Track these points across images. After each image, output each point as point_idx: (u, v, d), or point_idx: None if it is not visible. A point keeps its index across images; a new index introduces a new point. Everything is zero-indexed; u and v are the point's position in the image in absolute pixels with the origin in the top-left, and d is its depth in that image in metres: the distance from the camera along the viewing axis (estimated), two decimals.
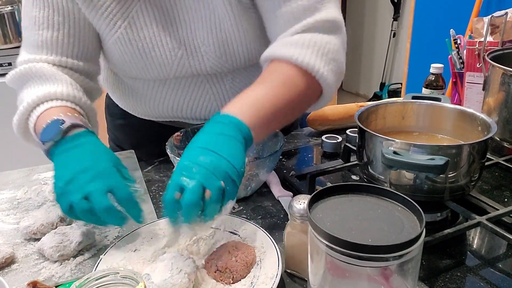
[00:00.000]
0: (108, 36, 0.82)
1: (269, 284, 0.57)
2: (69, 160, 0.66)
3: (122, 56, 0.84)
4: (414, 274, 0.46)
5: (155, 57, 0.83)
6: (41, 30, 0.79)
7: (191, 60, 0.84)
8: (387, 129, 0.81)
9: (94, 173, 0.63)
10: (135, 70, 0.86)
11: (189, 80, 0.89)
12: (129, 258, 0.64)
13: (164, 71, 0.86)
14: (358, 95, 4.06)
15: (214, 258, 0.61)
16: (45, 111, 0.74)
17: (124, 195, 0.63)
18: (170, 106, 0.93)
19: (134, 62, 0.84)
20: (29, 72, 0.79)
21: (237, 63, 0.87)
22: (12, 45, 2.31)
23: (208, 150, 0.60)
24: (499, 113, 0.87)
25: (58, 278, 0.63)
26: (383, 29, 3.67)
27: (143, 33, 0.81)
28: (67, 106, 0.75)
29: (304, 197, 0.60)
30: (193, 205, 0.56)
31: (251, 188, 0.81)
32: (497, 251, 0.67)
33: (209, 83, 0.90)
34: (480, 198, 0.74)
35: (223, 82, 0.90)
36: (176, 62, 0.84)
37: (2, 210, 0.81)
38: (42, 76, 0.78)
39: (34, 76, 0.78)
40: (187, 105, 0.93)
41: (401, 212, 0.48)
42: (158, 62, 0.84)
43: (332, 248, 0.44)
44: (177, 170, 0.60)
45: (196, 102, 0.92)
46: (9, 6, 2.29)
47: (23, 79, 0.80)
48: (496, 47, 0.99)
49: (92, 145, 0.68)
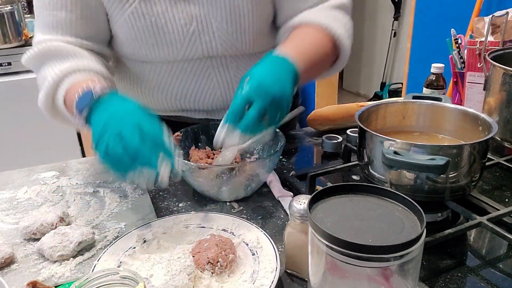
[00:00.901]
0: (120, 12, 0.83)
1: (270, 277, 0.57)
2: (102, 114, 0.68)
3: (133, 33, 0.85)
4: (415, 274, 0.46)
5: (167, 33, 0.84)
6: (54, 11, 0.81)
7: (203, 36, 0.86)
8: (387, 129, 0.80)
9: (123, 113, 0.66)
10: (144, 48, 0.87)
11: (196, 65, 0.90)
12: (129, 258, 0.64)
13: (175, 49, 0.86)
14: (359, 95, 4.06)
15: (201, 251, 0.62)
16: (73, 83, 0.77)
17: (153, 130, 0.64)
18: (174, 94, 0.94)
19: (145, 39, 0.85)
20: (47, 51, 0.82)
21: (246, 45, 0.89)
22: (12, 44, 2.31)
23: (278, 80, 0.68)
24: (500, 113, 0.86)
25: (57, 278, 0.62)
26: (383, 28, 3.66)
27: (156, 8, 0.82)
28: (92, 78, 0.78)
29: (304, 197, 0.60)
30: (253, 120, 0.65)
31: (251, 188, 0.81)
32: (498, 252, 0.67)
33: (214, 71, 0.91)
34: (480, 198, 0.73)
35: (228, 70, 0.92)
36: (188, 38, 0.85)
37: (2, 210, 0.81)
38: (62, 53, 0.81)
39: (53, 54, 0.82)
40: (191, 93, 0.94)
41: (401, 212, 0.48)
42: (169, 38, 0.85)
43: (332, 248, 0.44)
44: (252, 85, 0.67)
45: (200, 90, 0.93)
46: (9, 6, 2.29)
47: (42, 58, 0.83)
48: (497, 47, 0.99)
49: (122, 99, 0.72)
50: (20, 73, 2.36)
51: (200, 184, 0.79)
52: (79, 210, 0.80)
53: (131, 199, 0.82)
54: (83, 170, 0.95)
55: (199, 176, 0.78)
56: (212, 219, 0.71)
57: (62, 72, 0.78)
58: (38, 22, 0.84)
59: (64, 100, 0.78)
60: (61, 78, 0.78)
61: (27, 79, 2.40)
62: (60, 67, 0.79)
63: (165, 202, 0.82)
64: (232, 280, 0.60)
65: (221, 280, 0.60)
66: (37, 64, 0.84)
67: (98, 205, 0.81)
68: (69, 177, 0.92)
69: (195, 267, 0.60)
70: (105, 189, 0.86)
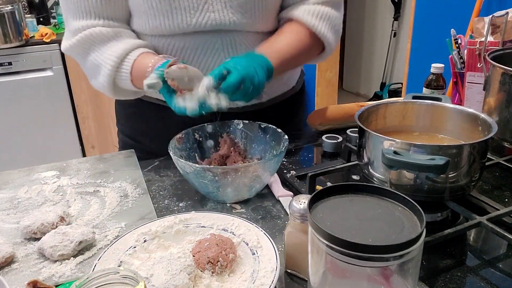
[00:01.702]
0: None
1: (270, 277, 0.57)
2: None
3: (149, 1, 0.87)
4: (414, 274, 0.46)
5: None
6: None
7: (215, 4, 0.88)
8: (387, 129, 0.81)
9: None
10: (158, 18, 0.88)
11: (206, 40, 0.92)
12: (129, 257, 0.64)
13: (188, 16, 0.88)
14: (359, 95, 4.06)
15: (201, 251, 0.62)
16: (136, 59, 0.86)
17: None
18: None
19: (159, 7, 0.87)
20: (90, 37, 0.87)
21: (255, 19, 0.93)
22: (12, 44, 2.31)
23: (252, 63, 0.80)
24: (499, 113, 0.86)
25: (58, 277, 0.63)
26: (383, 28, 3.66)
27: None
28: (150, 52, 0.88)
29: (304, 197, 0.60)
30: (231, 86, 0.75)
31: (255, 189, 0.81)
32: (498, 251, 0.67)
33: (223, 47, 0.93)
34: (480, 198, 0.74)
35: (236, 48, 0.94)
36: (201, 5, 0.87)
37: (2, 209, 0.81)
38: (108, 36, 0.88)
39: (99, 39, 0.88)
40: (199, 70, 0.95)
41: (401, 212, 0.48)
42: (183, 4, 0.87)
43: (332, 248, 0.44)
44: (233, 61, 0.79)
45: (207, 67, 0.94)
46: (9, 6, 2.29)
47: (87, 45, 0.88)
48: (496, 47, 0.99)
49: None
50: (20, 73, 2.36)
51: (204, 186, 0.79)
52: (79, 209, 0.80)
53: (132, 199, 0.82)
54: (83, 169, 0.95)
55: (205, 177, 0.78)
56: (212, 218, 0.71)
57: (124, 49, 0.86)
58: (69, 9, 0.88)
59: (131, 75, 0.87)
60: (124, 54, 0.86)
61: (27, 79, 2.40)
62: (117, 48, 0.87)
63: (165, 202, 0.82)
64: (232, 279, 0.60)
65: (221, 280, 0.60)
66: (82, 52, 0.90)
67: (98, 204, 0.81)
68: (69, 177, 0.92)
69: (196, 267, 0.60)
70: (105, 188, 0.86)
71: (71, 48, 0.90)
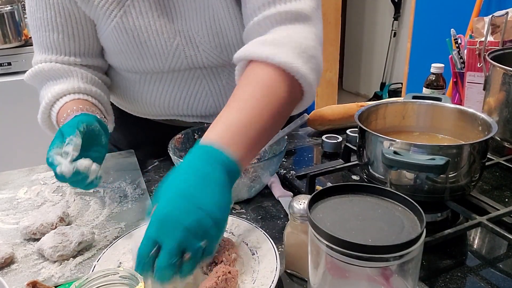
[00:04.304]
0: (104, 26, 0.83)
1: (270, 277, 0.57)
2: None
3: (118, 46, 0.85)
4: (415, 274, 0.46)
5: (150, 46, 0.84)
6: (47, 32, 0.84)
7: (187, 50, 0.85)
8: (387, 129, 0.80)
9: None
10: (130, 60, 0.87)
11: (186, 75, 0.90)
12: (128, 258, 0.64)
13: (160, 62, 0.86)
14: (358, 95, 4.06)
15: None
16: (62, 106, 0.82)
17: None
18: (166, 102, 0.94)
19: (130, 52, 0.85)
20: (42, 71, 0.86)
21: (231, 56, 0.80)
22: (12, 44, 2.31)
23: (191, 202, 0.53)
24: (499, 113, 0.86)
25: (57, 278, 0.62)
26: (383, 28, 3.66)
27: (139, 22, 0.82)
28: (80, 99, 0.84)
29: (304, 197, 0.60)
30: (169, 267, 0.51)
31: (255, 189, 0.81)
32: (498, 251, 0.67)
33: (205, 79, 0.90)
34: (480, 198, 0.73)
35: (219, 78, 0.91)
36: (172, 52, 0.85)
37: (2, 210, 0.81)
38: (54, 75, 0.86)
39: (47, 75, 0.86)
40: (183, 101, 0.93)
41: (401, 212, 0.48)
42: (153, 52, 0.85)
43: (332, 248, 0.44)
44: (155, 221, 0.53)
45: (192, 98, 0.93)
46: (9, 6, 2.29)
47: (39, 78, 0.88)
48: (496, 47, 0.99)
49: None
50: (20, 73, 2.36)
51: None
52: (79, 210, 0.80)
53: (131, 199, 0.82)
54: None
55: None
56: None
57: (54, 96, 0.83)
58: (34, 43, 0.88)
59: (57, 121, 0.84)
60: (53, 101, 0.83)
61: None
62: (52, 90, 0.84)
63: None
64: None
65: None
66: (37, 83, 0.90)
67: (98, 205, 0.81)
68: None
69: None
70: (105, 189, 0.86)
71: (29, 79, 0.89)
